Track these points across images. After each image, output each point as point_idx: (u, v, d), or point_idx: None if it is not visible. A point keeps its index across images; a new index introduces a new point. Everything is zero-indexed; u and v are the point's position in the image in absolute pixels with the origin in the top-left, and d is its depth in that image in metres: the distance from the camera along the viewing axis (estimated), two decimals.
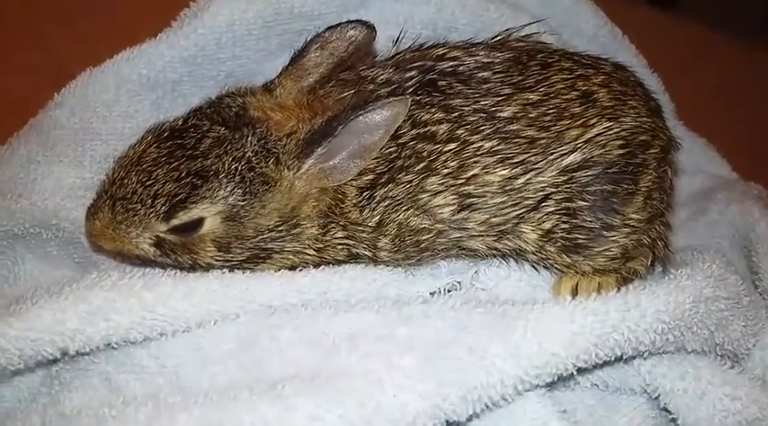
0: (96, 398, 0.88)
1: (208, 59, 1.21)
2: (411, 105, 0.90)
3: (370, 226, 0.93)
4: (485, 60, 0.94)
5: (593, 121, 0.91)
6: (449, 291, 0.97)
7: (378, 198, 0.92)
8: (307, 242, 0.94)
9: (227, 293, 0.88)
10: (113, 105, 1.16)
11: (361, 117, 0.87)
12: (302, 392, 0.75)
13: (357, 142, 0.89)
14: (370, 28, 0.97)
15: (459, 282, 0.97)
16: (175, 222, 0.89)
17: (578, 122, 0.91)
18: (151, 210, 0.88)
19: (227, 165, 0.88)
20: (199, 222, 0.90)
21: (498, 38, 1.04)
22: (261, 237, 0.92)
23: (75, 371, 0.90)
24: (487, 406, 0.78)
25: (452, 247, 0.97)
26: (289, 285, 0.90)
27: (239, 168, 0.88)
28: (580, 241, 0.93)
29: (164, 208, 0.88)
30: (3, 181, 1.13)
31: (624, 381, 0.96)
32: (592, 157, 0.90)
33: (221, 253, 0.93)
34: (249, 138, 0.89)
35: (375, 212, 0.92)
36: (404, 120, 0.90)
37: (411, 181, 0.91)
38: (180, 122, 0.92)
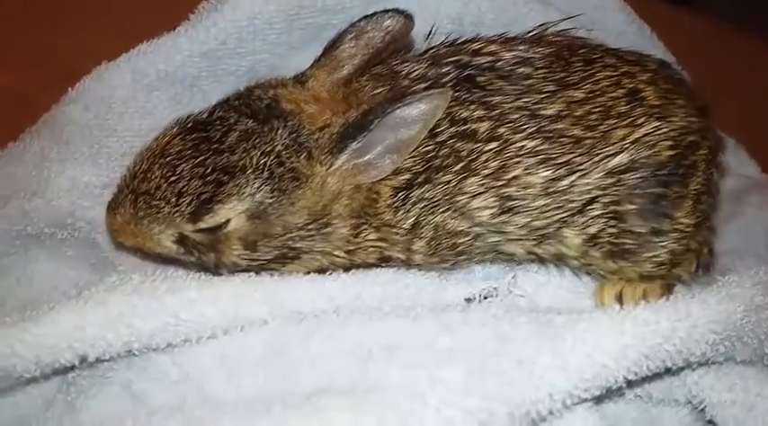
0: (116, 407, 0.83)
1: (228, 54, 1.17)
2: (449, 101, 0.85)
3: (405, 229, 0.89)
4: (525, 55, 0.90)
5: (640, 121, 0.87)
6: (485, 298, 0.92)
7: (413, 199, 0.87)
8: (337, 243, 0.89)
9: (255, 298, 0.83)
10: (130, 101, 1.12)
11: (398, 110, 0.82)
12: (339, 406, 0.70)
13: (393, 137, 0.85)
14: (408, 17, 0.92)
15: (495, 288, 0.93)
16: (202, 225, 0.85)
17: (625, 121, 0.87)
18: (176, 210, 0.84)
19: (254, 160, 0.84)
20: (225, 220, 0.86)
21: (533, 32, 0.99)
22: (289, 236, 0.88)
23: (93, 378, 0.85)
24: (534, 422, 0.74)
25: (489, 251, 0.92)
26: (319, 290, 0.86)
27: (268, 163, 0.84)
28: (628, 246, 0.88)
29: (189, 208, 0.83)
30: (15, 178, 1.08)
31: (669, 392, 0.91)
32: (640, 158, 0.86)
33: (247, 252, 0.88)
34: (279, 131, 0.85)
35: (410, 214, 0.88)
36: (442, 117, 0.85)
37: (449, 182, 0.86)
38: (205, 115, 0.88)
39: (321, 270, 0.92)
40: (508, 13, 1.29)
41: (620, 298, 0.92)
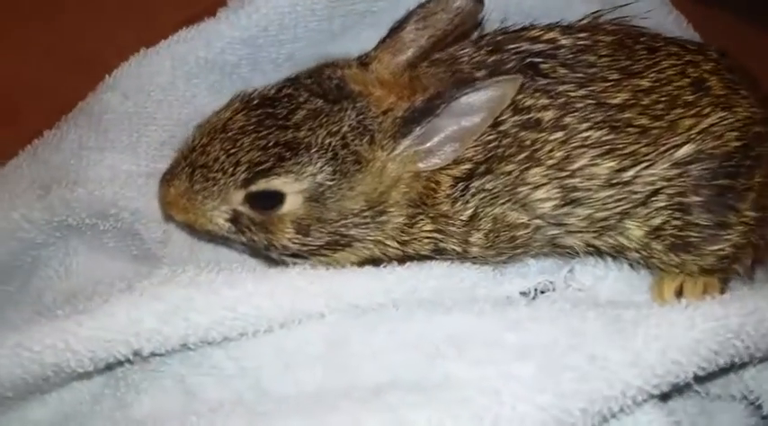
0: (169, 401, 0.81)
1: (269, 41, 1.13)
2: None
3: (462, 220, 0.86)
4: (587, 42, 0.87)
5: (707, 110, 0.84)
6: (541, 292, 0.90)
7: (473, 190, 0.85)
8: (390, 232, 0.87)
9: (312, 291, 0.81)
10: (169, 89, 1.09)
11: (464, 97, 0.80)
12: (411, 402, 0.69)
13: (457, 124, 0.82)
14: (478, 0, 0.89)
15: (551, 282, 0.91)
16: (253, 189, 0.82)
17: (692, 111, 0.84)
18: (231, 179, 0.82)
19: (320, 139, 0.82)
20: (280, 200, 0.84)
21: (585, 20, 0.97)
22: (343, 222, 0.86)
23: (144, 372, 0.84)
24: (605, 418, 0.72)
25: (547, 244, 0.90)
26: (376, 283, 0.84)
27: (333, 143, 0.82)
28: (692, 239, 0.86)
29: (243, 175, 0.81)
30: (52, 167, 1.06)
31: (726, 388, 0.90)
32: (707, 149, 0.84)
33: (299, 236, 0.86)
34: (348, 112, 0.83)
35: (469, 205, 0.86)
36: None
37: (510, 173, 0.84)
38: (273, 91, 0.86)
39: (372, 261, 0.90)
40: (546, 3, 1.27)
41: (679, 293, 0.90)
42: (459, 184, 0.85)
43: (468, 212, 0.86)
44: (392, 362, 0.76)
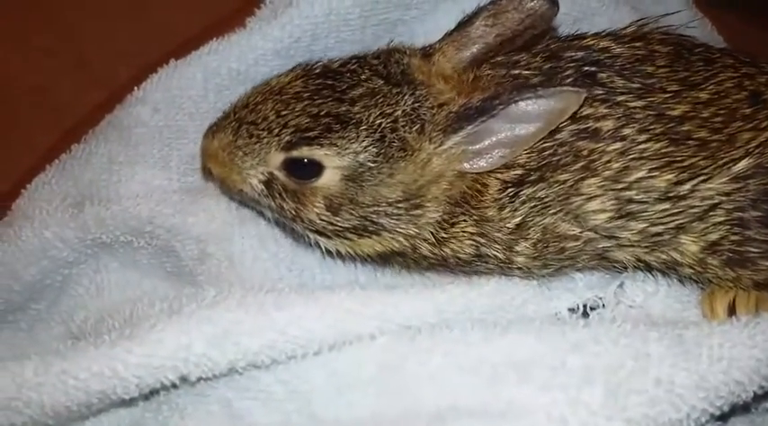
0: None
1: (301, 51, 1.10)
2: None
3: (509, 228, 0.84)
4: (643, 52, 0.86)
5: (764, 124, 0.83)
6: (591, 308, 0.89)
7: (523, 197, 0.83)
8: (427, 228, 0.85)
9: (364, 312, 0.79)
10: (201, 101, 1.06)
11: (523, 102, 0.78)
12: None
13: (511, 130, 0.80)
14: (553, 3, 0.86)
15: (600, 298, 0.89)
16: (294, 154, 0.81)
17: (750, 125, 0.83)
18: (275, 139, 0.81)
19: (371, 118, 0.81)
20: (318, 171, 0.82)
21: (631, 28, 0.95)
22: (376, 209, 0.84)
23: (189, 396, 0.82)
24: None
25: (595, 257, 0.88)
26: (427, 302, 0.82)
27: (383, 125, 0.81)
28: (750, 254, 0.84)
29: (287, 137, 0.80)
30: (83, 183, 1.03)
31: None
32: (765, 163, 0.82)
33: (328, 214, 0.84)
34: (406, 97, 0.82)
35: (517, 212, 0.83)
36: None
37: (565, 182, 0.82)
38: (337, 65, 0.86)
39: (400, 254, 0.87)
40: (580, 7, 1.25)
41: (732, 308, 0.89)
42: (509, 190, 0.83)
43: (517, 220, 0.84)
44: (451, 386, 0.74)
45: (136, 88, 1.10)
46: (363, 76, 0.84)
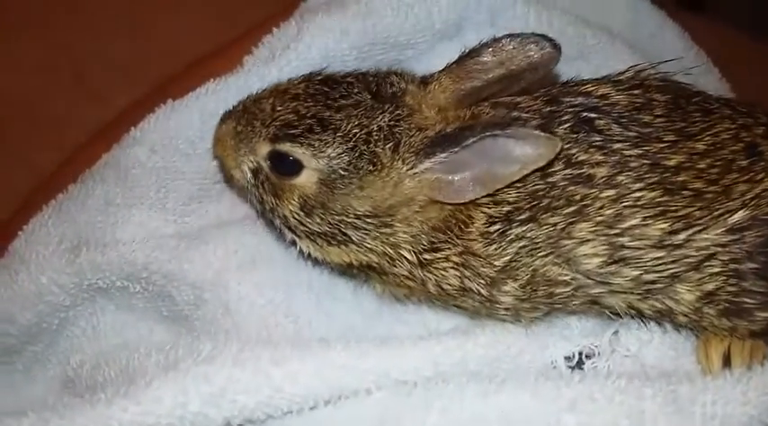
0: None
1: None
2: (567, 142, 0.82)
3: (496, 266, 0.85)
4: (641, 100, 0.86)
5: (760, 176, 0.84)
6: (587, 356, 0.89)
7: (512, 236, 0.84)
8: (403, 247, 0.86)
9: (360, 366, 0.80)
10: (198, 142, 1.06)
11: (499, 139, 0.79)
12: None
13: (486, 167, 0.81)
14: (556, 48, 0.87)
15: (596, 346, 0.90)
16: (278, 147, 0.86)
17: (746, 177, 0.84)
18: (264, 130, 0.87)
19: (348, 127, 0.85)
20: (297, 170, 0.87)
21: (627, 73, 0.95)
22: (344, 219, 0.87)
23: None
24: None
25: (588, 303, 0.88)
26: (422, 356, 0.82)
27: (357, 135, 0.85)
28: (746, 305, 0.85)
29: (274, 130, 0.86)
30: (80, 226, 1.03)
31: None
32: (761, 215, 0.82)
33: (301, 213, 0.88)
34: (383, 114, 0.85)
35: (506, 251, 0.84)
36: (559, 157, 0.81)
37: (556, 225, 0.83)
38: (339, 75, 0.91)
39: (373, 269, 0.89)
40: (577, 46, 1.26)
41: (727, 357, 0.89)
42: (497, 226, 0.84)
43: (505, 259, 0.84)
44: None
45: (133, 128, 1.10)
46: (356, 90, 0.88)
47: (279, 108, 0.88)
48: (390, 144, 0.85)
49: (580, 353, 0.90)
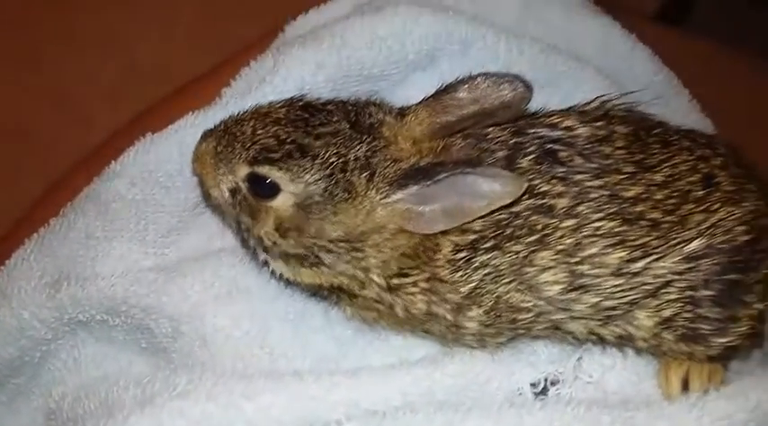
0: None
1: None
2: (530, 174, 0.86)
3: (462, 292, 0.88)
4: (603, 132, 0.90)
5: (716, 206, 0.87)
6: (552, 383, 0.92)
7: (477, 263, 0.87)
8: (373, 271, 0.89)
9: (330, 398, 0.82)
10: (176, 175, 1.09)
11: (470, 176, 0.82)
12: None
13: (456, 201, 0.84)
14: (528, 88, 0.90)
15: (560, 372, 0.92)
16: (257, 169, 0.88)
17: (702, 207, 0.87)
18: (244, 153, 0.89)
19: (327, 155, 0.87)
20: (274, 193, 0.89)
21: (593, 103, 0.98)
22: (317, 242, 0.89)
23: None
24: None
25: (551, 328, 0.91)
26: (391, 385, 0.85)
27: (335, 163, 0.87)
28: (702, 331, 0.88)
29: (253, 153, 0.88)
30: (61, 259, 1.05)
31: None
32: (716, 244, 0.86)
33: (276, 235, 0.90)
34: (361, 144, 0.88)
35: (471, 278, 0.87)
36: None
37: (519, 253, 0.86)
38: (320, 103, 0.93)
39: (343, 291, 0.91)
40: (546, 74, 1.29)
41: (685, 380, 0.92)
42: (462, 253, 0.87)
43: (471, 285, 0.87)
44: None
45: (113, 161, 1.12)
46: (335, 118, 0.91)
47: (260, 131, 0.90)
48: (366, 173, 0.88)
49: (545, 380, 0.93)
